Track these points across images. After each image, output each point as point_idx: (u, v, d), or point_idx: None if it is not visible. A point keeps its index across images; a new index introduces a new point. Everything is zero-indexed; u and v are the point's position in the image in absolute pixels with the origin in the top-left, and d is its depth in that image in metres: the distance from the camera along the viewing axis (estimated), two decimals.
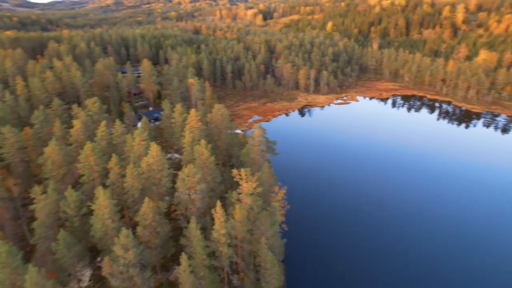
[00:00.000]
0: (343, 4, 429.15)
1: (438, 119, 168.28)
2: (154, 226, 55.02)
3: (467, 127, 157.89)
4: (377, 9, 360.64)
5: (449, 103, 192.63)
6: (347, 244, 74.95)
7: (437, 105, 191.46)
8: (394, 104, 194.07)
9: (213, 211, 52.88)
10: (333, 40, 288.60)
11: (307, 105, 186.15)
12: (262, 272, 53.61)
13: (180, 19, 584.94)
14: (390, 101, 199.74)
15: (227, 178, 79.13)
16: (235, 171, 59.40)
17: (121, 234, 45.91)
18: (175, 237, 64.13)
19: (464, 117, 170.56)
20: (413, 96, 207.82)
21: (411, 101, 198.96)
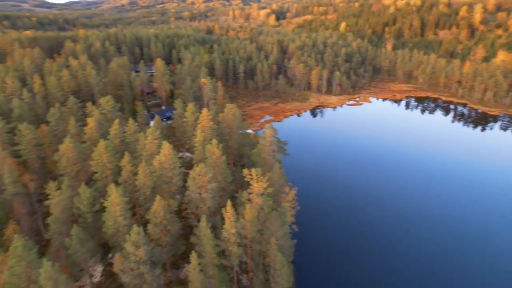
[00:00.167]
0: (357, 4, 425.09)
1: (453, 122, 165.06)
2: (165, 224, 55.50)
3: (483, 129, 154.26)
4: (392, 9, 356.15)
5: (464, 105, 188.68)
6: (357, 247, 74.08)
7: (452, 107, 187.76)
8: (407, 106, 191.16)
9: (223, 210, 53.04)
10: (346, 40, 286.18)
11: (319, 105, 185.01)
12: (271, 272, 53.51)
13: (193, 19, 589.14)
14: (403, 102, 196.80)
15: (238, 178, 79.33)
16: (246, 171, 59.42)
17: (132, 231, 46.44)
18: (185, 235, 64.62)
19: (480, 120, 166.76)
20: (427, 98, 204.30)
21: (425, 103, 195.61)
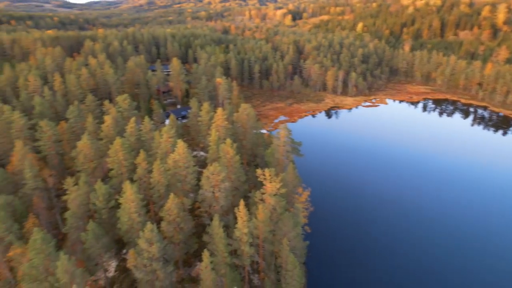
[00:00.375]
0: (374, 4, 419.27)
1: (473, 125, 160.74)
2: (178, 222, 55.99)
3: (504, 133, 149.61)
4: (410, 9, 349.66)
5: (485, 108, 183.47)
6: (370, 250, 73.05)
7: (471, 110, 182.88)
8: (425, 108, 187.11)
9: (236, 209, 53.13)
10: (363, 41, 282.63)
11: (334, 106, 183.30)
12: (283, 273, 53.28)
13: (209, 19, 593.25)
14: (420, 104, 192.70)
15: (251, 178, 79.37)
16: (259, 171, 59.35)
17: (146, 228, 47.02)
18: (198, 233, 65.07)
19: (502, 123, 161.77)
20: (446, 100, 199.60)
21: (444, 105, 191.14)
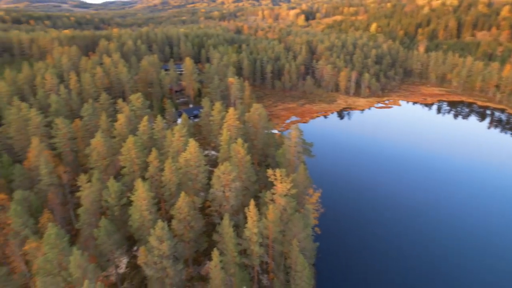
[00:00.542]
0: (389, 4, 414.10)
1: (489, 128, 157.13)
2: (189, 220, 56.35)
3: None
4: (426, 9, 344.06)
5: (503, 110, 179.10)
6: (380, 253, 72.11)
7: (488, 112, 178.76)
8: (439, 110, 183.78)
9: (246, 209, 53.15)
10: (376, 42, 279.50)
11: (347, 107, 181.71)
12: (292, 274, 53.04)
13: (223, 18, 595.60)
14: (435, 106, 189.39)
15: (262, 178, 79.24)
16: (270, 171, 59.26)
17: (157, 226, 47.46)
18: (208, 232, 65.31)
19: None
20: (461, 102, 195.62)
21: (459, 108, 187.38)
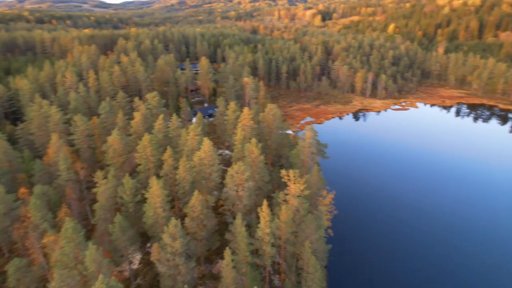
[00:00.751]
0: (408, 5, 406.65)
1: (511, 132, 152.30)
2: (202, 218, 56.75)
3: None
4: (446, 10, 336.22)
5: None
6: (393, 256, 70.98)
7: (510, 116, 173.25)
8: (458, 113, 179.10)
9: (259, 209, 53.12)
10: (394, 42, 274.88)
11: (362, 109, 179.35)
12: (304, 275, 52.74)
13: (239, 18, 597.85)
14: (453, 109, 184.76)
15: (275, 178, 79.05)
16: (283, 172, 59.06)
17: (170, 224, 47.97)
18: (220, 231, 65.64)
19: None
20: (482, 105, 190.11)
21: (479, 111, 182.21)
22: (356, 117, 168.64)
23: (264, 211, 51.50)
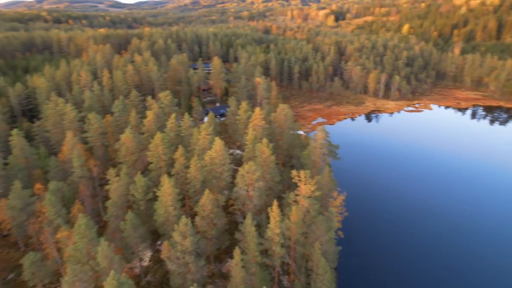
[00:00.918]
0: (423, 5, 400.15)
1: None
2: (212, 217, 56.98)
3: None
4: (463, 10, 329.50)
5: None
6: (404, 259, 70.19)
7: None
8: (474, 115, 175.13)
9: (269, 209, 53.04)
10: (408, 43, 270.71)
11: (375, 110, 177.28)
12: (313, 276, 52.43)
13: (252, 18, 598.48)
14: (469, 111, 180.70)
15: (286, 179, 78.82)
16: (294, 172, 58.87)
17: (180, 222, 48.31)
18: (230, 230, 65.80)
19: None
20: (499, 107, 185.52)
21: (496, 113, 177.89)
22: (369, 118, 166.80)
23: (274, 211, 51.40)
